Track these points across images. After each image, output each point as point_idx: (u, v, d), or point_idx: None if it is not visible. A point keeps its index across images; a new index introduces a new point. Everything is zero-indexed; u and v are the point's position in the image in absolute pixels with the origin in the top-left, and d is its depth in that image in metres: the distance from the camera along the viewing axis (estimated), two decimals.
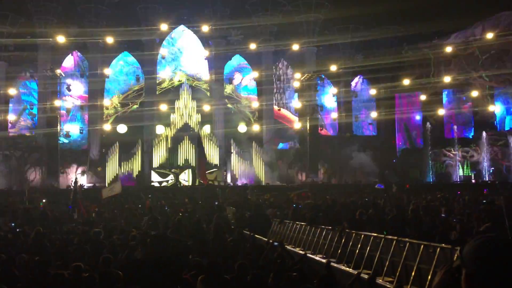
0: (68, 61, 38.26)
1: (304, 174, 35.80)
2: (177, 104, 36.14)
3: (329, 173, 36.64)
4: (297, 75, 36.75)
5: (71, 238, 11.31)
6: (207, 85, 39.04)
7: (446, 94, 39.48)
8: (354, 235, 10.95)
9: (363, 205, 16.22)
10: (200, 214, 15.73)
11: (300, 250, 12.44)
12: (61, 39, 33.39)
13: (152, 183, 33.86)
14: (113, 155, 35.00)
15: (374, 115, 39.01)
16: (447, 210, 13.72)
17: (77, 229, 12.97)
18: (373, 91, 38.32)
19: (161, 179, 34.30)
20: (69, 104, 37.38)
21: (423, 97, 37.34)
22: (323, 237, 12.41)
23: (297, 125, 37.99)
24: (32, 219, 15.60)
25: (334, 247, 11.64)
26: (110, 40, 34.68)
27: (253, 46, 35.55)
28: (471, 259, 1.77)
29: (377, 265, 9.43)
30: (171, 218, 14.26)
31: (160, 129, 36.99)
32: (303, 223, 13.93)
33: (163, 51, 38.36)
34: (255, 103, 38.86)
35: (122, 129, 37.86)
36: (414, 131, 40.55)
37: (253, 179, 35.42)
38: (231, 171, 35.65)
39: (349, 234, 11.17)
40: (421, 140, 39.80)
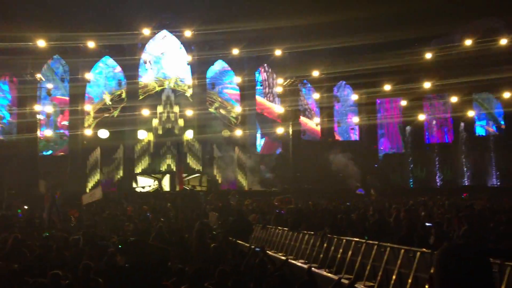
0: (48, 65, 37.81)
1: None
2: (159, 109, 35.95)
3: (312, 178, 36.78)
4: (280, 81, 36.82)
5: (50, 245, 11.13)
6: (190, 90, 38.95)
7: (426, 99, 40.02)
8: (335, 240, 11.01)
9: (345, 210, 16.33)
10: (182, 220, 15.65)
11: (282, 255, 12.46)
12: (41, 44, 32.98)
13: (134, 189, 33.58)
14: (94, 161, 34.64)
15: (356, 120, 39.37)
16: (427, 214, 13.89)
17: (56, 236, 12.78)
18: (355, 97, 38.67)
19: (143, 184, 34.04)
20: (49, 109, 36.91)
21: (404, 103, 37.80)
22: (305, 242, 12.45)
23: (280, 130, 38.10)
24: (10, 226, 15.33)
25: (316, 252, 11.69)
26: (91, 44, 34.36)
27: (236, 51, 35.59)
28: (434, 263, 1.91)
29: (359, 270, 9.50)
30: (153, 224, 14.17)
31: (142, 134, 36.73)
32: (285, 229, 13.97)
33: (146, 56, 38.18)
34: (237, 108, 38.89)
35: (103, 134, 37.47)
36: (395, 136, 41.00)
37: (236, 184, 35.38)
38: (214, 176, 35.58)
39: (330, 239, 11.23)
40: (401, 145, 40.29)
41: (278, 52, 35.88)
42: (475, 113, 38.14)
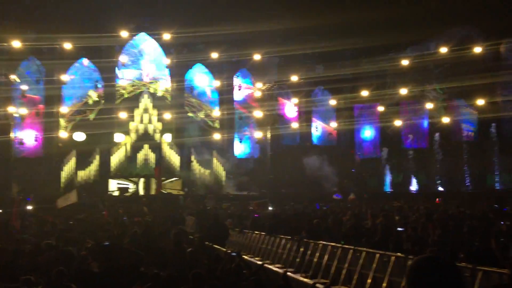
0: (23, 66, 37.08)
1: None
2: (137, 112, 35.62)
3: (289, 182, 36.91)
4: (259, 85, 36.85)
5: (21, 249, 10.91)
6: (169, 93, 38.70)
7: (402, 105, 40.59)
8: (312, 244, 11.07)
9: (322, 215, 16.42)
10: (159, 224, 15.51)
11: (258, 260, 12.46)
12: (16, 44, 32.37)
13: (110, 192, 33.16)
14: (69, 164, 34.11)
15: (334, 125, 39.71)
16: (402, 219, 14.06)
17: (29, 240, 12.54)
18: (333, 102, 38.98)
19: (119, 188, 33.66)
20: (23, 111, 36.19)
21: (380, 108, 38.28)
22: (282, 246, 12.48)
23: (258, 134, 38.15)
24: None
25: (292, 256, 11.72)
26: (68, 46, 33.84)
27: (215, 55, 35.53)
28: (405, 280, 2.00)
29: (335, 274, 9.56)
30: (129, 228, 14.01)
31: (119, 137, 36.29)
32: (262, 233, 13.98)
33: (123, 58, 37.81)
34: (216, 112, 38.81)
35: (79, 137, 36.87)
36: (372, 142, 41.47)
37: (213, 188, 35.28)
38: (191, 180, 35.42)
39: (307, 243, 11.29)
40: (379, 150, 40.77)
41: (257, 56, 35.96)
42: (450, 119, 38.83)
